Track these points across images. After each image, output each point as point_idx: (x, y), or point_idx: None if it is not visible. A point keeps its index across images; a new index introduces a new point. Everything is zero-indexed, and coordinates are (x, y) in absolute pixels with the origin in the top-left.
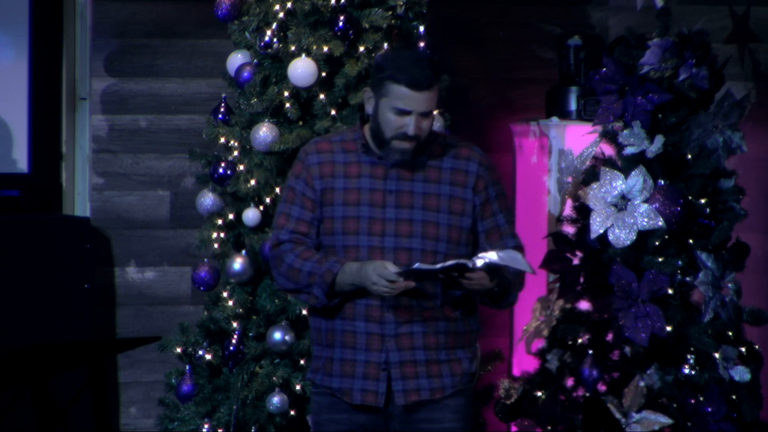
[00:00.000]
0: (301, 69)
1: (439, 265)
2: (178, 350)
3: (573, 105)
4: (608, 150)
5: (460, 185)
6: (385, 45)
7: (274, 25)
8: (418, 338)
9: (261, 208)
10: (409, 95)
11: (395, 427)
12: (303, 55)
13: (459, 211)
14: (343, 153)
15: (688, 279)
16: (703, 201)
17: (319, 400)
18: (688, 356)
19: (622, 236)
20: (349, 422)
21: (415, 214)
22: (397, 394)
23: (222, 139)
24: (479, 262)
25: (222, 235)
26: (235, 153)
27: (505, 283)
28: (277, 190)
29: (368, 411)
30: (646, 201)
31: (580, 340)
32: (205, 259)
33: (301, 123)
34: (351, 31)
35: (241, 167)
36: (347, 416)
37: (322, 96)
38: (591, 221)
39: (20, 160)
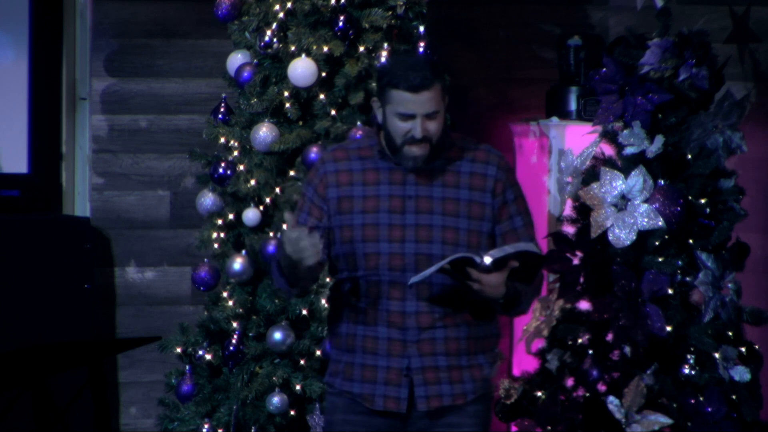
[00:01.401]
0: (301, 69)
1: (447, 259)
2: (178, 350)
3: (573, 105)
4: (608, 150)
5: (478, 189)
6: (385, 45)
7: (274, 25)
8: (439, 344)
9: (261, 208)
10: (409, 98)
11: (412, 431)
12: (303, 55)
13: (478, 215)
14: (360, 160)
15: (688, 279)
16: (703, 201)
17: (334, 401)
18: (688, 356)
19: (622, 236)
20: (365, 424)
21: (435, 219)
22: (420, 400)
23: (222, 139)
24: (487, 260)
25: (222, 235)
26: (235, 153)
27: (514, 292)
28: (277, 190)
29: (386, 415)
30: (646, 201)
31: (580, 340)
32: (205, 259)
33: (301, 123)
34: (351, 31)
35: (241, 167)
36: (364, 419)
37: (322, 96)
38: (591, 221)
39: (20, 160)
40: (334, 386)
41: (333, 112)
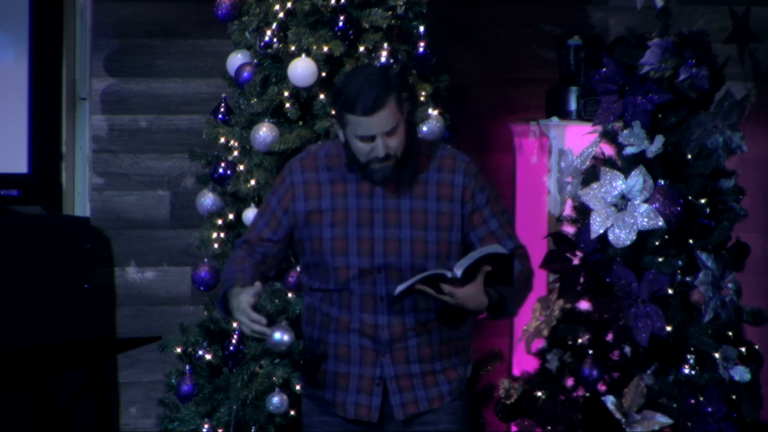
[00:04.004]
0: (301, 69)
1: (416, 278)
2: (178, 350)
3: (573, 105)
4: (608, 150)
5: (446, 200)
6: (385, 45)
7: (274, 25)
8: (412, 352)
9: None
10: (365, 121)
11: (389, 431)
12: (303, 55)
13: (447, 225)
14: (328, 171)
15: (688, 279)
16: (703, 201)
17: (310, 403)
18: (688, 356)
19: (622, 236)
20: (342, 425)
21: (403, 232)
22: (396, 408)
23: (222, 139)
24: (458, 271)
25: (222, 235)
26: (235, 153)
27: (498, 299)
28: None
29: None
30: (646, 201)
31: (580, 340)
32: (205, 259)
33: (301, 123)
34: (351, 31)
35: (241, 167)
36: (340, 419)
37: (322, 96)
38: (591, 221)
39: (20, 159)
40: (308, 391)
41: (333, 112)
